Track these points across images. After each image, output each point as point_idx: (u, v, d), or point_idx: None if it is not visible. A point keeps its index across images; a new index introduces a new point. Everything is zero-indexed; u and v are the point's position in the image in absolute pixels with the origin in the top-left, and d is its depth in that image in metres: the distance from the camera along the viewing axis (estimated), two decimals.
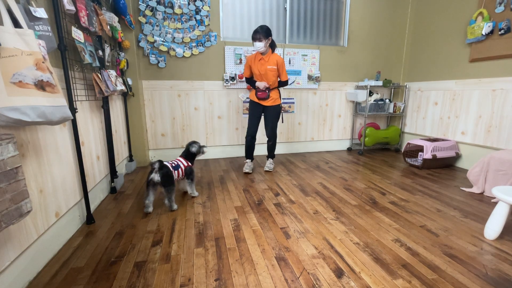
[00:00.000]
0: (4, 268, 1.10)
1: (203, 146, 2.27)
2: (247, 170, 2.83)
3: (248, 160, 2.90)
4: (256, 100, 2.74)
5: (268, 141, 2.91)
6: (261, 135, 3.65)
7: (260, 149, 3.68)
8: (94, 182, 2.03)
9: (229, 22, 3.30)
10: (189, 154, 2.20)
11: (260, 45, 2.52)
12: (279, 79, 2.76)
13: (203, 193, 2.32)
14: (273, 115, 2.76)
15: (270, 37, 2.55)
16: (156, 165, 1.88)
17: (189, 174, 2.15)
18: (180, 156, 2.20)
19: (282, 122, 3.09)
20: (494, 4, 2.67)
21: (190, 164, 2.17)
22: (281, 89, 3.35)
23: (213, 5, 3.14)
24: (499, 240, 1.59)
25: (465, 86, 3.03)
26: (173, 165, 2.04)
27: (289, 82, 3.57)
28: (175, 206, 1.98)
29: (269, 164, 2.97)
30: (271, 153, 2.99)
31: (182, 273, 1.30)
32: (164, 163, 1.96)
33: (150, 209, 1.92)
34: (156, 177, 1.87)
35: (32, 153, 1.31)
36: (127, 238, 1.60)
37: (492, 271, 1.32)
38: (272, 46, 2.66)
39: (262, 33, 2.48)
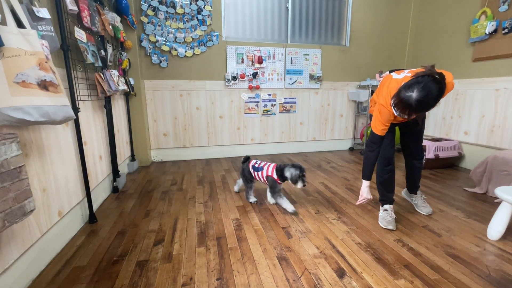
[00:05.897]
0: (7, 266, 1.11)
1: (303, 179, 1.83)
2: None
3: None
4: None
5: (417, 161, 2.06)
6: (268, 136, 3.65)
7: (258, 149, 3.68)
8: (97, 182, 2.04)
9: (231, 21, 3.30)
10: (283, 174, 1.89)
11: None
12: None
13: (205, 192, 2.32)
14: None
15: None
16: (243, 159, 2.13)
17: (270, 186, 1.98)
18: (275, 165, 1.96)
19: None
20: (498, 2, 2.64)
21: (274, 177, 1.92)
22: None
23: (215, 5, 3.14)
24: (502, 240, 1.58)
25: (468, 86, 3.01)
26: (256, 165, 2.03)
27: (291, 82, 3.56)
28: (251, 199, 2.10)
29: (419, 201, 1.99)
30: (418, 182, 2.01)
31: (184, 272, 1.30)
32: (251, 161, 2.10)
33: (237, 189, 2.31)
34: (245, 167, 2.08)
35: (35, 152, 1.32)
36: (129, 237, 1.61)
37: (495, 271, 1.31)
38: None
39: None
